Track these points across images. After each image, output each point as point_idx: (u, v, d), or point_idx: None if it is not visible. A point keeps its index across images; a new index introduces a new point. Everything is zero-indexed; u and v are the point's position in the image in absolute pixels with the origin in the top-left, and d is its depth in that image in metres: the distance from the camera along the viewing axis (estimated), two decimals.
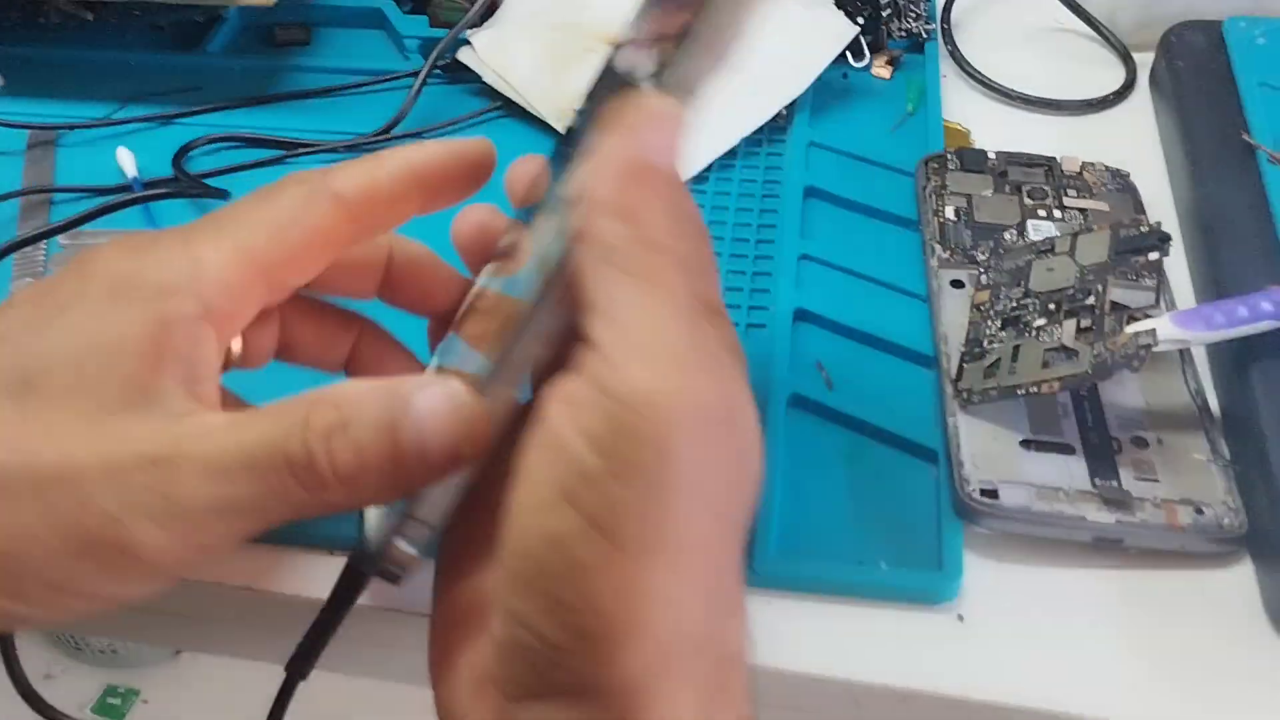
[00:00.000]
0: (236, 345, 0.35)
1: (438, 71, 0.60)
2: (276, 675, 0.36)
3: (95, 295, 0.30)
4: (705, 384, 0.26)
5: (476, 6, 0.60)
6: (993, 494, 0.41)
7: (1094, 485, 0.41)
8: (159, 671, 1.43)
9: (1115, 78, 0.62)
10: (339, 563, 0.35)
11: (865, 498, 0.42)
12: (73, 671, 1.43)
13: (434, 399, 0.29)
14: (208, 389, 0.31)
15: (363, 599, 0.35)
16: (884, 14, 0.61)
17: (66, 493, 0.28)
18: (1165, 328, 0.42)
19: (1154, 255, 0.45)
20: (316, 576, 0.41)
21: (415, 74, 0.59)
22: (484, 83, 0.59)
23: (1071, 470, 0.42)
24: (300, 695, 0.37)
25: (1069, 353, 0.43)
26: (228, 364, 0.38)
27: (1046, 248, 0.48)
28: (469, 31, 0.59)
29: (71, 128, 0.58)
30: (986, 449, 0.42)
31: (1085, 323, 0.43)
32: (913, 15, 0.62)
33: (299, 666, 0.36)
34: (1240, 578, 0.40)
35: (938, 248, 0.50)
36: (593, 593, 0.25)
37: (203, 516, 0.29)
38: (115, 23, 0.63)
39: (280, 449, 0.28)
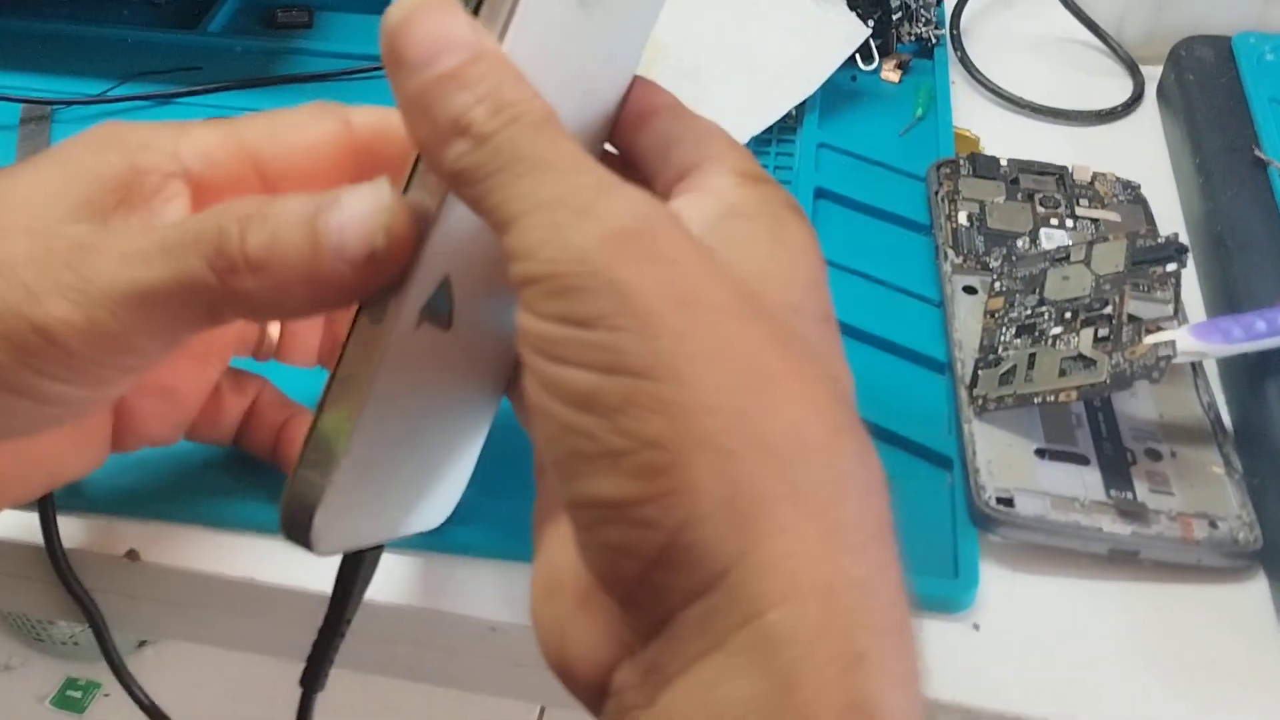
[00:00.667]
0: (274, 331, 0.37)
1: None
2: (244, 668, 0.36)
3: (82, 144, 0.32)
4: (608, 204, 0.24)
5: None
6: (1009, 502, 0.41)
7: (1109, 496, 0.41)
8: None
9: (1121, 89, 0.62)
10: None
11: None
12: (33, 663, 1.41)
13: (360, 196, 0.28)
14: None
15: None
16: (895, 18, 0.61)
17: (10, 281, 0.29)
18: (1184, 340, 0.41)
19: (1171, 266, 0.45)
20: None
21: None
22: None
23: (1086, 480, 0.42)
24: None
25: (1086, 362, 0.42)
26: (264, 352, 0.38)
27: (1061, 256, 0.47)
28: None
29: (68, 104, 0.56)
30: (1002, 456, 0.42)
31: (1102, 332, 0.43)
32: (923, 20, 0.62)
33: (312, 681, 0.35)
34: (1255, 593, 0.40)
35: (951, 253, 0.50)
36: (640, 427, 0.23)
37: (115, 300, 0.28)
38: None
39: (195, 231, 0.28)
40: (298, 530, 0.29)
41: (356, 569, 0.34)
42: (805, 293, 0.28)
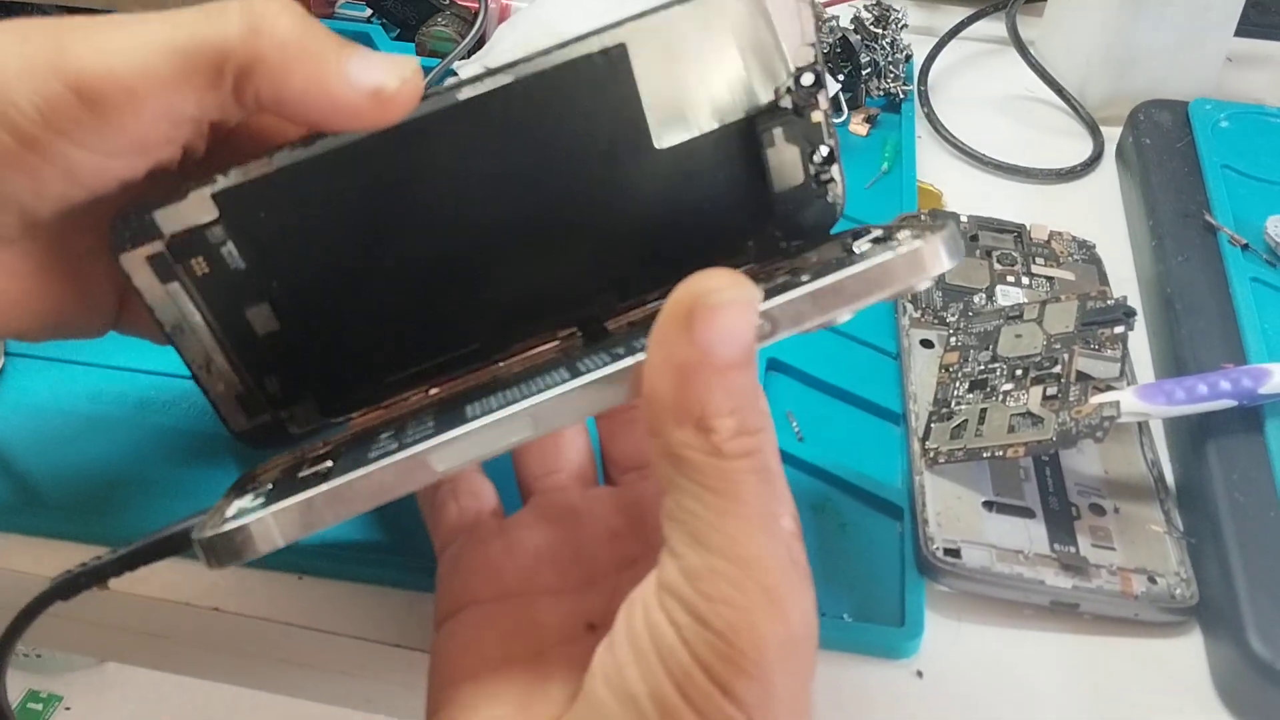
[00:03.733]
0: None
1: None
2: (200, 688, 0.36)
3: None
4: (791, 610, 0.27)
5: (468, 39, 0.60)
6: (956, 553, 0.42)
7: (1053, 550, 0.42)
8: (83, 678, 1.41)
9: (1082, 149, 0.64)
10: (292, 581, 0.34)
11: (831, 549, 0.43)
12: None
13: (389, 56, 0.32)
14: None
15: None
16: (864, 73, 0.63)
17: (46, 37, 0.31)
18: (1128, 400, 0.43)
19: (1119, 329, 0.46)
20: (274, 596, 0.41)
21: None
22: None
23: (1031, 534, 0.43)
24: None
25: (1034, 419, 0.44)
26: None
27: (1015, 314, 0.49)
28: (458, 63, 0.60)
29: None
30: (951, 508, 0.43)
31: (1051, 390, 0.45)
32: (891, 76, 0.64)
33: (65, 591, 0.34)
34: (1190, 647, 0.42)
35: (909, 307, 0.51)
36: None
37: (145, 54, 0.31)
38: None
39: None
40: (228, 539, 0.29)
41: (176, 549, 0.34)
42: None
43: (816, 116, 0.39)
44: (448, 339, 0.40)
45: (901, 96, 0.64)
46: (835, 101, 0.62)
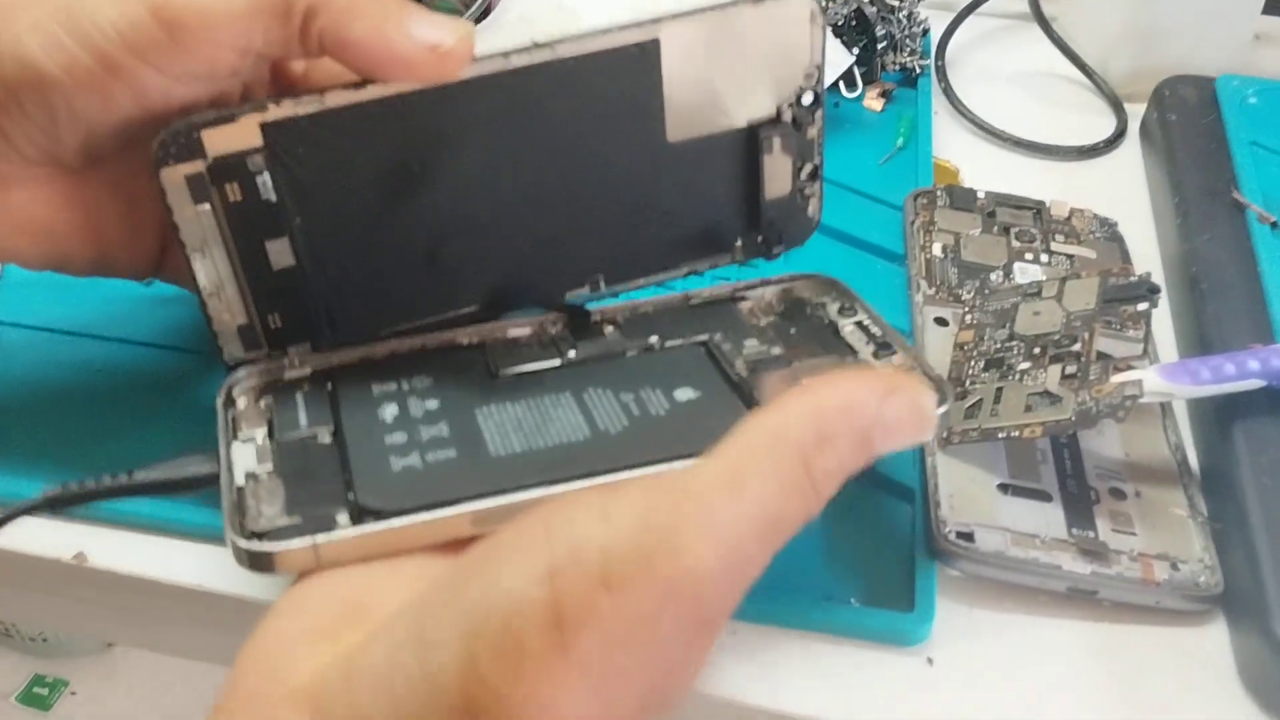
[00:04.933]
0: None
1: None
2: (208, 673, 0.35)
3: None
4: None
5: (474, 8, 0.59)
6: (969, 537, 0.40)
7: (1070, 535, 0.41)
8: (89, 663, 1.40)
9: (1105, 126, 0.62)
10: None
11: (840, 532, 0.42)
12: (0, 658, 1.40)
13: (451, 18, 0.34)
14: None
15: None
16: (880, 46, 0.61)
17: None
18: (1151, 380, 0.41)
19: (1142, 306, 0.45)
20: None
21: None
22: None
23: (1048, 517, 0.41)
24: None
25: (1053, 398, 0.42)
26: None
27: (1034, 291, 0.47)
28: None
29: None
30: (964, 490, 0.42)
31: (1070, 369, 0.43)
32: (908, 50, 0.62)
33: (57, 503, 0.35)
34: (1214, 636, 0.40)
35: (923, 284, 0.50)
36: (512, 670, 0.25)
37: None
38: None
39: None
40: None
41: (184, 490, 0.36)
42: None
43: (811, 133, 0.42)
44: (444, 300, 0.41)
45: (918, 71, 0.62)
46: (849, 76, 0.61)
